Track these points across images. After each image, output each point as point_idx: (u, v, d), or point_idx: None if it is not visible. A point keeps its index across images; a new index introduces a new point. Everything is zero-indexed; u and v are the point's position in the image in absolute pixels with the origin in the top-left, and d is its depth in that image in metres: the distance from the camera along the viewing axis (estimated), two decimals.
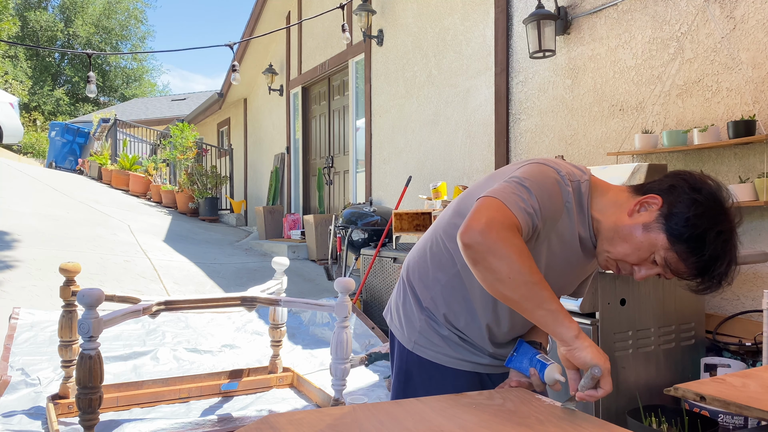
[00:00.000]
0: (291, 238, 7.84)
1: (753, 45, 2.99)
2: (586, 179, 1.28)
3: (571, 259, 1.32)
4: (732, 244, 1.16)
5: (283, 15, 8.96)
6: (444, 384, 1.40)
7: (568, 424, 1.02)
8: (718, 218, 1.14)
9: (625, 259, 1.23)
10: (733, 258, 1.16)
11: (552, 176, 1.23)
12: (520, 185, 1.18)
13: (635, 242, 1.20)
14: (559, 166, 1.27)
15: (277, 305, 3.24)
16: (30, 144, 20.11)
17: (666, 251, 1.17)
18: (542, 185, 1.20)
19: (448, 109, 5.29)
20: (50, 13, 28.12)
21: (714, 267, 1.15)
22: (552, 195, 1.21)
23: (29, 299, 4.46)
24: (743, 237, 3.02)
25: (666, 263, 1.18)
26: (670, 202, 1.18)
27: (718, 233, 1.13)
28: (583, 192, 1.26)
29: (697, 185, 1.18)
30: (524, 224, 1.15)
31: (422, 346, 1.42)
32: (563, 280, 1.37)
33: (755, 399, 1.16)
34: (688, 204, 1.15)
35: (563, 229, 1.26)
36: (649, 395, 2.52)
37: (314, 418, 1.00)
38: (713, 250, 1.14)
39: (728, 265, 1.16)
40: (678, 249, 1.16)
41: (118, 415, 2.94)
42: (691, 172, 1.22)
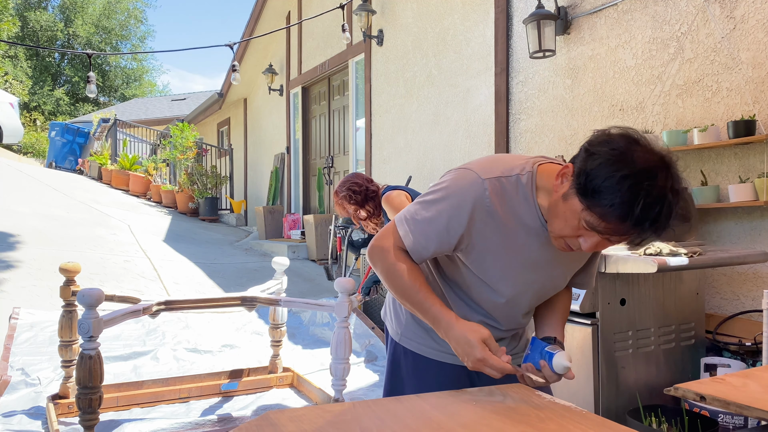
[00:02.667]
0: (291, 238, 7.84)
1: (753, 45, 2.99)
2: (528, 171, 1.28)
3: (528, 252, 1.31)
4: (646, 186, 1.07)
5: (283, 15, 8.96)
6: (427, 375, 1.47)
7: (568, 422, 1.02)
8: (622, 164, 1.09)
9: (561, 233, 1.22)
10: (653, 200, 1.08)
11: (467, 183, 1.27)
12: (426, 203, 1.31)
13: (561, 214, 1.20)
14: (487, 169, 1.28)
15: (277, 305, 3.24)
16: (30, 144, 20.11)
17: (585, 213, 1.14)
18: (453, 197, 1.27)
19: (448, 109, 5.29)
20: (50, 13, 28.11)
21: (631, 213, 1.08)
22: (464, 203, 1.26)
23: (29, 299, 4.46)
24: (743, 237, 3.02)
25: (591, 225, 1.15)
26: (578, 164, 1.16)
27: (622, 178, 1.08)
28: (524, 184, 1.27)
29: (599, 139, 1.16)
30: (411, 244, 1.31)
31: (408, 338, 1.51)
32: (540, 275, 1.36)
33: (755, 399, 1.16)
34: (589, 159, 1.13)
35: (493, 229, 1.28)
36: (649, 395, 2.52)
37: (314, 414, 1.00)
38: (622, 197, 1.08)
39: (648, 208, 1.08)
40: (591, 207, 1.13)
41: (118, 415, 2.94)
42: (600, 130, 1.19)
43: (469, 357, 1.22)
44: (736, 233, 3.07)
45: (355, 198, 2.70)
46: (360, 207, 2.72)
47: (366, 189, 2.70)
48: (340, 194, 2.74)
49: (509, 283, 1.35)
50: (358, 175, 2.79)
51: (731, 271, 3.08)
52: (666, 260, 2.28)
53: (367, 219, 2.75)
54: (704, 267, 2.54)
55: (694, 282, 2.74)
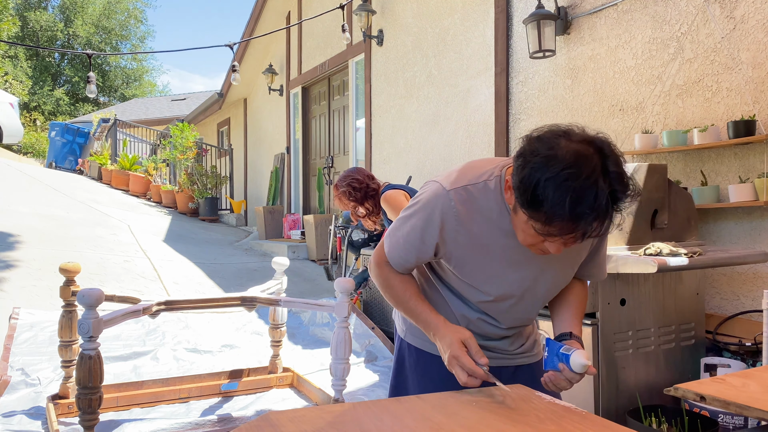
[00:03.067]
0: (291, 238, 7.84)
1: (753, 45, 2.99)
2: (495, 176, 1.31)
3: (507, 253, 1.33)
4: (568, 183, 1.07)
5: (283, 15, 8.96)
6: (430, 370, 1.50)
7: (568, 422, 1.02)
8: (546, 167, 1.09)
9: (527, 242, 1.24)
10: (579, 193, 1.07)
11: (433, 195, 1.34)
12: (402, 218, 1.41)
13: (519, 226, 1.22)
14: (453, 179, 1.33)
15: (277, 305, 3.24)
16: (30, 144, 20.11)
17: (532, 222, 1.15)
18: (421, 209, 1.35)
19: (448, 109, 5.29)
20: (50, 13, 28.12)
21: (564, 213, 1.08)
22: (432, 216, 1.33)
23: (29, 299, 4.46)
24: (743, 237, 3.02)
25: (541, 232, 1.15)
26: (514, 179, 1.17)
27: (546, 182, 1.08)
28: (492, 188, 1.30)
29: (523, 147, 1.16)
30: (393, 258, 1.43)
31: (412, 335, 1.56)
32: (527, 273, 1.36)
33: (755, 399, 1.16)
34: (519, 171, 1.14)
35: (463, 235, 1.32)
36: (649, 395, 2.52)
37: (314, 415, 1.00)
38: (552, 199, 1.08)
39: (577, 203, 1.07)
40: (533, 217, 1.14)
41: (118, 415, 2.94)
42: (527, 135, 1.19)
43: (446, 354, 1.29)
44: (736, 233, 3.07)
45: (354, 195, 2.70)
46: (359, 204, 2.72)
47: (366, 186, 2.69)
48: (340, 188, 2.73)
49: (494, 283, 1.37)
50: (359, 170, 2.78)
51: (731, 271, 3.08)
52: (666, 260, 2.28)
53: (366, 217, 2.75)
54: (704, 267, 2.54)
55: (694, 282, 2.74)
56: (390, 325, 4.43)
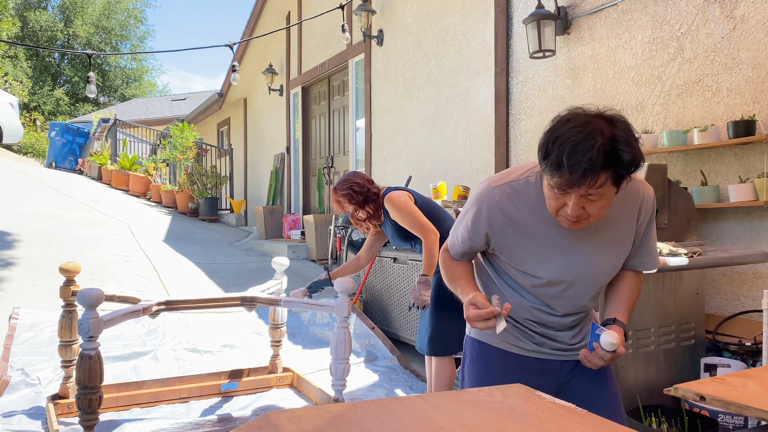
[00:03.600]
0: (291, 238, 7.84)
1: (753, 45, 2.99)
2: (535, 171, 1.46)
3: (556, 241, 1.45)
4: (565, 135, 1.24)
5: (283, 15, 8.96)
6: (489, 362, 1.63)
7: (568, 422, 1.02)
8: (556, 127, 1.28)
9: (553, 208, 1.36)
10: (580, 142, 1.22)
11: (481, 194, 1.50)
12: (461, 218, 1.58)
13: (545, 192, 1.37)
14: (498, 178, 1.49)
15: (277, 305, 3.24)
16: (30, 144, 20.09)
17: (551, 179, 1.29)
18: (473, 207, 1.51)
19: (448, 109, 5.29)
20: (50, 13, 28.11)
21: (565, 161, 1.22)
22: (480, 212, 1.49)
23: (29, 299, 4.46)
24: (743, 237, 3.02)
25: (556, 186, 1.29)
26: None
27: (555, 138, 1.26)
28: (533, 183, 1.45)
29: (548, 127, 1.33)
30: (452, 247, 1.62)
31: (476, 330, 1.65)
32: (573, 258, 1.46)
33: (755, 399, 1.16)
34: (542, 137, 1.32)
35: (510, 229, 1.47)
36: (649, 395, 2.52)
37: (314, 415, 1.00)
38: (556, 150, 1.24)
39: (575, 151, 1.22)
40: (545, 171, 1.29)
41: (118, 415, 2.94)
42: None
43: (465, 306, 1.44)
44: (736, 233, 3.07)
45: (356, 198, 2.70)
46: (360, 208, 2.72)
47: (367, 190, 2.70)
48: (340, 192, 2.73)
49: (544, 267, 1.48)
50: (359, 175, 2.79)
51: (731, 271, 3.08)
52: (666, 260, 2.28)
53: (366, 220, 2.75)
54: (704, 267, 2.54)
55: (694, 282, 2.74)
56: (390, 325, 4.43)
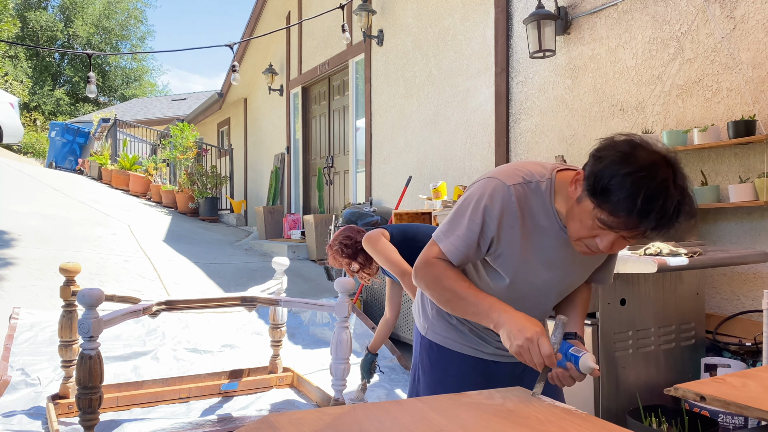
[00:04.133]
0: (291, 238, 7.84)
1: (753, 45, 2.99)
2: (547, 178, 1.38)
3: (549, 254, 1.40)
4: (647, 181, 1.15)
5: (283, 15, 8.96)
6: (449, 366, 1.58)
7: (568, 424, 1.02)
8: (625, 164, 1.17)
9: (579, 235, 1.30)
10: (654, 192, 1.15)
11: (494, 191, 1.36)
12: (459, 213, 1.40)
13: (577, 217, 1.29)
14: (509, 175, 1.37)
15: (277, 305, 3.24)
16: (30, 144, 20.09)
17: (597, 212, 1.23)
18: (482, 204, 1.36)
19: (448, 109, 5.29)
20: (50, 13, 28.10)
21: (635, 207, 1.15)
22: (493, 209, 1.35)
23: (29, 299, 4.46)
24: (743, 237, 3.02)
25: (604, 223, 1.22)
26: (587, 170, 1.25)
27: (626, 175, 1.16)
28: (544, 190, 1.37)
29: (605, 145, 1.24)
30: (451, 253, 1.40)
31: (434, 332, 1.61)
32: (558, 274, 1.44)
33: (755, 399, 1.16)
34: (597, 163, 1.22)
35: (517, 232, 1.37)
36: (649, 395, 2.52)
37: (314, 417, 1.00)
38: (627, 192, 1.16)
39: (650, 201, 1.15)
40: (601, 205, 1.21)
41: (118, 415, 2.94)
42: (606, 137, 1.27)
43: (522, 335, 1.24)
44: (736, 233, 3.06)
45: (346, 251, 2.74)
46: (352, 259, 2.75)
47: (356, 242, 2.72)
48: (333, 248, 2.78)
49: (528, 281, 1.44)
50: (350, 228, 2.82)
51: (731, 271, 3.08)
52: (666, 260, 2.28)
53: (360, 270, 2.76)
54: (704, 267, 2.54)
55: (694, 282, 2.74)
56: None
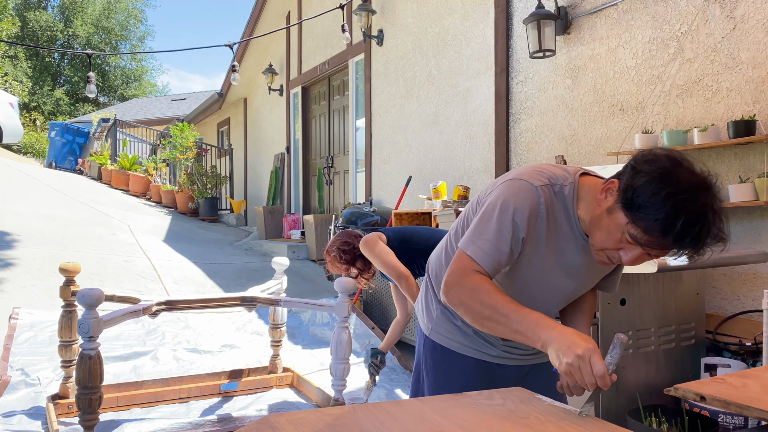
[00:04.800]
0: (291, 238, 7.84)
1: (753, 45, 2.99)
2: (570, 182, 1.35)
3: (567, 259, 1.39)
4: (688, 204, 1.13)
5: (283, 15, 8.96)
6: (452, 368, 1.56)
7: (568, 424, 1.02)
8: (667, 183, 1.15)
9: (604, 246, 1.27)
10: (693, 217, 1.13)
11: (522, 192, 1.31)
12: (487, 218, 1.32)
13: (605, 227, 1.26)
14: (535, 176, 1.33)
15: (277, 305, 3.24)
16: (30, 144, 20.09)
17: (629, 227, 1.20)
18: (511, 207, 1.30)
19: (448, 109, 5.29)
20: (50, 13, 28.10)
21: (673, 228, 1.13)
22: (523, 210, 1.30)
23: (29, 299, 4.46)
24: (743, 237, 3.02)
25: (634, 238, 1.20)
26: (624, 180, 1.22)
27: (667, 195, 1.13)
28: (567, 195, 1.34)
29: (647, 158, 1.21)
30: (485, 263, 1.30)
31: (438, 333, 1.59)
32: (573, 280, 1.43)
33: (755, 399, 1.16)
34: (638, 176, 1.19)
35: (542, 234, 1.34)
36: (649, 395, 2.52)
37: (314, 417, 1.00)
38: (666, 212, 1.13)
39: (688, 225, 1.12)
40: (635, 220, 1.18)
41: (118, 415, 2.94)
42: (647, 150, 1.24)
43: (572, 352, 1.14)
44: (736, 233, 3.06)
45: (344, 257, 2.73)
46: (350, 265, 2.75)
47: (353, 247, 2.72)
48: (331, 254, 2.77)
49: (543, 285, 1.42)
50: (347, 233, 2.81)
51: (731, 271, 3.08)
52: (666, 260, 2.28)
53: (359, 275, 2.76)
54: (704, 267, 2.54)
55: (694, 282, 2.74)
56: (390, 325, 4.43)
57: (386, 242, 2.59)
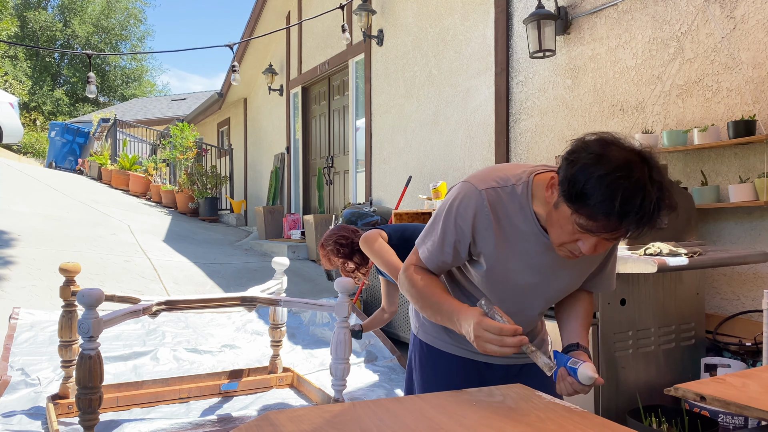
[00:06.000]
0: (291, 238, 7.84)
1: (753, 45, 2.99)
2: (523, 181, 1.35)
3: (531, 259, 1.38)
4: (621, 181, 1.13)
5: (283, 15, 8.96)
6: (439, 366, 1.58)
7: (568, 422, 1.02)
8: (597, 165, 1.15)
9: (561, 240, 1.27)
10: (630, 193, 1.13)
11: (466, 196, 1.36)
12: (434, 220, 1.43)
13: (556, 222, 1.26)
14: (483, 180, 1.37)
15: (277, 305, 3.24)
16: (30, 144, 20.10)
17: (575, 216, 1.20)
18: (454, 210, 1.37)
19: (448, 109, 5.29)
20: (50, 12, 28.11)
21: (613, 208, 1.13)
22: (465, 215, 1.35)
23: (29, 299, 4.46)
24: (743, 237, 3.02)
25: (583, 227, 1.20)
26: (561, 174, 1.22)
27: (599, 177, 1.14)
28: (520, 194, 1.35)
29: (576, 147, 1.22)
30: (427, 260, 1.43)
31: (424, 332, 1.63)
32: (542, 279, 1.41)
33: (755, 399, 1.16)
34: (570, 166, 1.20)
35: (491, 236, 1.36)
36: (649, 395, 2.52)
37: (314, 415, 1.00)
38: (602, 195, 1.13)
39: (627, 201, 1.13)
40: (579, 209, 1.18)
41: (118, 415, 2.94)
42: (577, 138, 1.24)
43: (471, 333, 1.24)
44: (736, 233, 3.06)
45: (342, 251, 2.71)
46: (348, 259, 2.73)
47: (352, 241, 2.70)
48: (327, 248, 2.75)
49: (510, 285, 1.42)
50: (343, 227, 2.80)
51: (731, 271, 3.08)
52: (666, 260, 2.28)
53: (356, 270, 2.75)
54: (704, 267, 2.54)
55: (694, 282, 2.74)
56: (390, 325, 4.43)
57: (387, 240, 2.58)
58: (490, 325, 1.21)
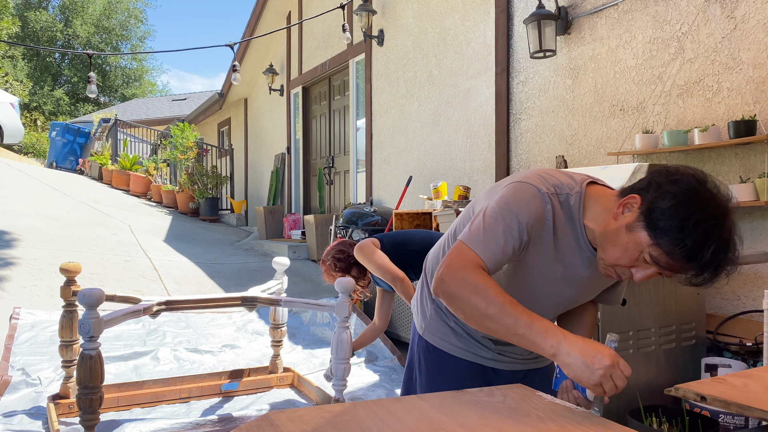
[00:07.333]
0: (291, 238, 7.84)
1: (754, 45, 2.99)
2: (576, 191, 1.30)
3: (571, 272, 1.35)
4: (717, 231, 1.10)
5: (283, 15, 8.96)
6: (445, 370, 1.53)
7: (569, 422, 1.02)
8: (696, 207, 1.11)
9: (617, 262, 1.23)
10: (721, 245, 1.11)
11: (529, 196, 1.26)
12: (493, 216, 1.25)
13: (622, 244, 1.20)
14: (542, 183, 1.28)
15: (277, 305, 3.24)
16: (30, 144, 20.10)
17: (651, 248, 1.16)
18: (517, 208, 1.25)
19: (449, 109, 5.29)
20: (50, 13, 28.12)
21: (700, 256, 1.11)
22: (529, 214, 1.25)
23: (30, 299, 4.46)
24: (744, 237, 3.01)
25: (654, 260, 1.17)
26: (648, 199, 1.17)
27: (697, 222, 1.10)
28: (572, 204, 1.29)
29: (673, 178, 1.16)
30: (489, 260, 1.23)
31: (431, 333, 1.56)
32: (576, 291, 1.40)
33: (756, 399, 1.16)
34: (664, 197, 1.14)
35: (548, 243, 1.29)
36: (649, 395, 2.52)
37: (314, 415, 1.00)
38: (695, 239, 1.10)
39: (716, 253, 1.10)
40: (660, 243, 1.14)
41: (119, 415, 2.94)
42: (669, 166, 1.20)
43: (603, 361, 1.13)
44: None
45: (339, 265, 2.75)
46: (346, 273, 2.76)
47: (348, 255, 2.73)
48: (326, 263, 2.79)
49: (537, 293, 1.38)
50: (342, 242, 2.84)
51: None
52: None
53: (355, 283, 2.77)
54: None
55: None
56: (390, 325, 4.43)
57: (380, 247, 2.60)
58: (625, 366, 1.16)
